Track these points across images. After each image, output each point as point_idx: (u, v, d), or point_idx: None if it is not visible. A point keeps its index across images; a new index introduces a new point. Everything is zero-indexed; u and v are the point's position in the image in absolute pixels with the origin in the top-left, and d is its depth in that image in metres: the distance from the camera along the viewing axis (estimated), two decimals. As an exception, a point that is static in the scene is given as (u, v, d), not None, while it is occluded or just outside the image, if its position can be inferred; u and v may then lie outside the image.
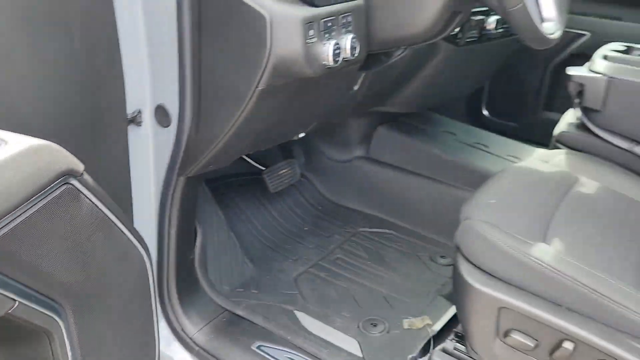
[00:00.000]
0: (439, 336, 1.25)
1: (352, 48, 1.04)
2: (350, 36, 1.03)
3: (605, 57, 1.47)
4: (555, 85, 2.38)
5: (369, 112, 1.75)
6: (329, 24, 0.98)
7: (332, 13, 0.99)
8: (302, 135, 1.38)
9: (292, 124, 1.27)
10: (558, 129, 1.52)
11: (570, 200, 1.18)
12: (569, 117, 1.55)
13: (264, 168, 1.69)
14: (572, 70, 1.45)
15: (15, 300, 0.61)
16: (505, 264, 0.98)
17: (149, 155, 1.14)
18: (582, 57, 1.83)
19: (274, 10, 0.91)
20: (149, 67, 1.08)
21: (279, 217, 1.71)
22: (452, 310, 1.32)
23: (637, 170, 1.38)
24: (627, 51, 1.56)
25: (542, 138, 2.19)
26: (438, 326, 1.28)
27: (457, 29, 1.44)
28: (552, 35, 1.07)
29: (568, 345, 0.92)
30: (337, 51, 1.00)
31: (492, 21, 1.56)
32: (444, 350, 1.14)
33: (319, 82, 1.07)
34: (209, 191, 1.50)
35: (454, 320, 1.27)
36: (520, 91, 2.41)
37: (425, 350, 1.22)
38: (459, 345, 1.13)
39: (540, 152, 1.45)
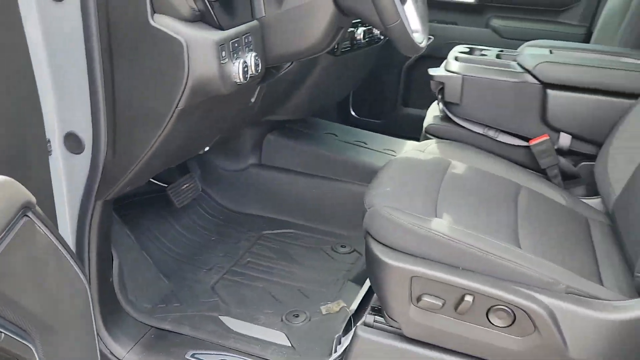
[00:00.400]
0: (357, 314, 1.40)
1: (256, 65, 1.14)
2: (253, 54, 1.14)
3: (457, 58, 1.73)
4: (409, 84, 2.69)
5: (259, 121, 1.86)
6: (236, 45, 1.08)
7: (237, 34, 1.09)
8: (207, 149, 1.45)
9: (202, 139, 1.34)
10: (426, 122, 1.76)
11: (448, 181, 1.40)
12: (433, 111, 1.79)
13: (165, 185, 1.73)
14: (432, 71, 1.69)
15: (1, 332, 0.63)
16: (410, 239, 1.15)
17: (62, 183, 1.15)
18: (429, 58, 2.12)
19: (190, 36, 0.98)
20: (55, 94, 1.09)
21: (185, 231, 1.76)
22: (362, 291, 1.48)
23: (492, 150, 1.66)
24: (471, 52, 1.85)
25: (404, 131, 2.47)
26: (354, 306, 1.43)
27: (334, 41, 1.60)
28: (421, 44, 1.26)
29: (468, 298, 1.11)
30: (246, 69, 1.10)
31: (360, 32, 1.75)
32: (365, 324, 1.28)
33: (226, 98, 1.16)
34: (115, 212, 1.51)
35: (366, 298, 1.43)
36: (380, 92, 2.69)
37: (347, 328, 1.36)
38: (377, 317, 1.28)
39: (415, 144, 1.66)
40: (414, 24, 1.28)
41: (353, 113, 2.73)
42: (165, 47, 0.99)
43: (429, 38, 1.40)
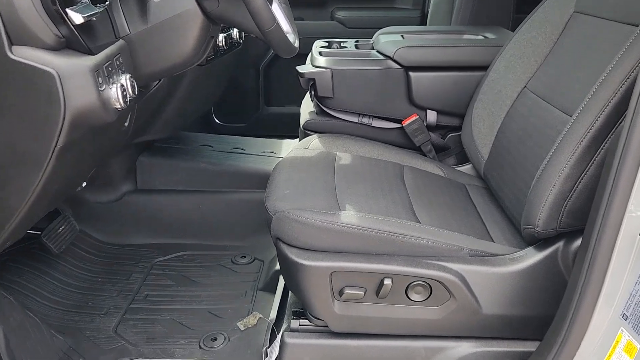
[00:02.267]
0: (278, 322, 1.39)
1: (132, 86, 1.07)
2: (127, 76, 1.06)
3: (320, 53, 1.77)
4: (269, 83, 2.70)
5: (128, 145, 1.74)
6: (110, 68, 1.00)
7: (108, 57, 1.00)
8: (84, 184, 1.33)
9: (81, 174, 1.22)
10: (303, 119, 1.78)
11: (339, 172, 1.43)
12: (307, 107, 1.82)
13: (37, 232, 1.54)
14: (301, 69, 1.71)
15: None
16: (324, 237, 1.16)
17: None
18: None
19: (60, 66, 0.89)
20: None
21: (68, 279, 1.59)
22: (277, 297, 1.47)
23: (370, 136, 1.73)
24: (329, 45, 1.91)
25: (272, 130, 2.49)
26: (273, 314, 1.41)
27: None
28: (295, 44, 1.27)
29: (387, 281, 1.16)
30: (124, 92, 1.02)
31: (221, 38, 1.72)
32: (291, 330, 1.27)
33: (104, 126, 1.07)
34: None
35: (282, 304, 1.42)
36: (241, 95, 2.67)
37: (272, 338, 1.34)
38: (301, 320, 1.28)
39: (296, 142, 1.68)
40: (284, 26, 1.29)
41: (217, 120, 2.68)
42: (33, 81, 0.88)
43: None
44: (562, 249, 1.13)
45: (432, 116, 1.70)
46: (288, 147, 2.03)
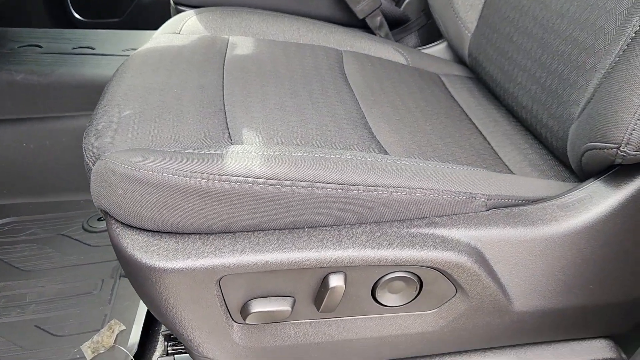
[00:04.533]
0: (149, 343, 0.79)
1: None
2: None
3: None
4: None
5: None
6: None
7: None
8: None
9: None
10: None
11: (232, 71, 0.80)
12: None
13: None
14: None
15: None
16: (194, 207, 0.54)
17: None
18: None
19: None
20: None
21: None
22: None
23: (282, 7, 1.08)
24: None
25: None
26: (135, 331, 0.81)
27: None
28: None
29: (335, 280, 0.57)
30: None
31: None
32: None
33: None
34: None
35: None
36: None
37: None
38: (181, 357, 0.70)
39: (167, 25, 1.00)
40: None
41: (76, 15, 1.88)
42: None
43: None
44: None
45: (380, -32, 1.05)
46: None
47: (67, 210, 1.13)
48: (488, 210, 0.62)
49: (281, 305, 0.58)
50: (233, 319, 0.59)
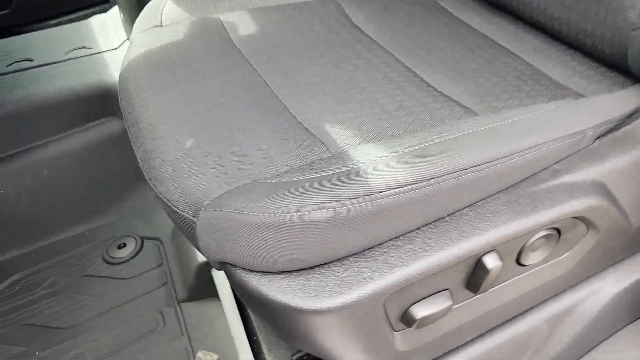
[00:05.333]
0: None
1: None
2: None
3: None
4: None
5: None
6: None
7: None
8: None
9: None
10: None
11: (254, 56, 0.71)
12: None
13: None
14: None
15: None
16: (338, 237, 0.49)
17: None
18: None
19: None
20: None
21: None
22: (230, 310, 0.80)
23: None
24: None
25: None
26: (246, 357, 0.76)
27: None
28: None
29: (490, 260, 0.55)
30: None
31: None
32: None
33: None
34: None
35: (247, 323, 0.77)
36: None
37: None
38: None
39: (142, 19, 0.85)
40: None
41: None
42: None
43: None
44: None
45: None
46: (115, 30, 1.17)
47: (77, 247, 1.02)
48: (593, 142, 0.61)
49: (443, 303, 0.55)
50: (394, 329, 0.56)
